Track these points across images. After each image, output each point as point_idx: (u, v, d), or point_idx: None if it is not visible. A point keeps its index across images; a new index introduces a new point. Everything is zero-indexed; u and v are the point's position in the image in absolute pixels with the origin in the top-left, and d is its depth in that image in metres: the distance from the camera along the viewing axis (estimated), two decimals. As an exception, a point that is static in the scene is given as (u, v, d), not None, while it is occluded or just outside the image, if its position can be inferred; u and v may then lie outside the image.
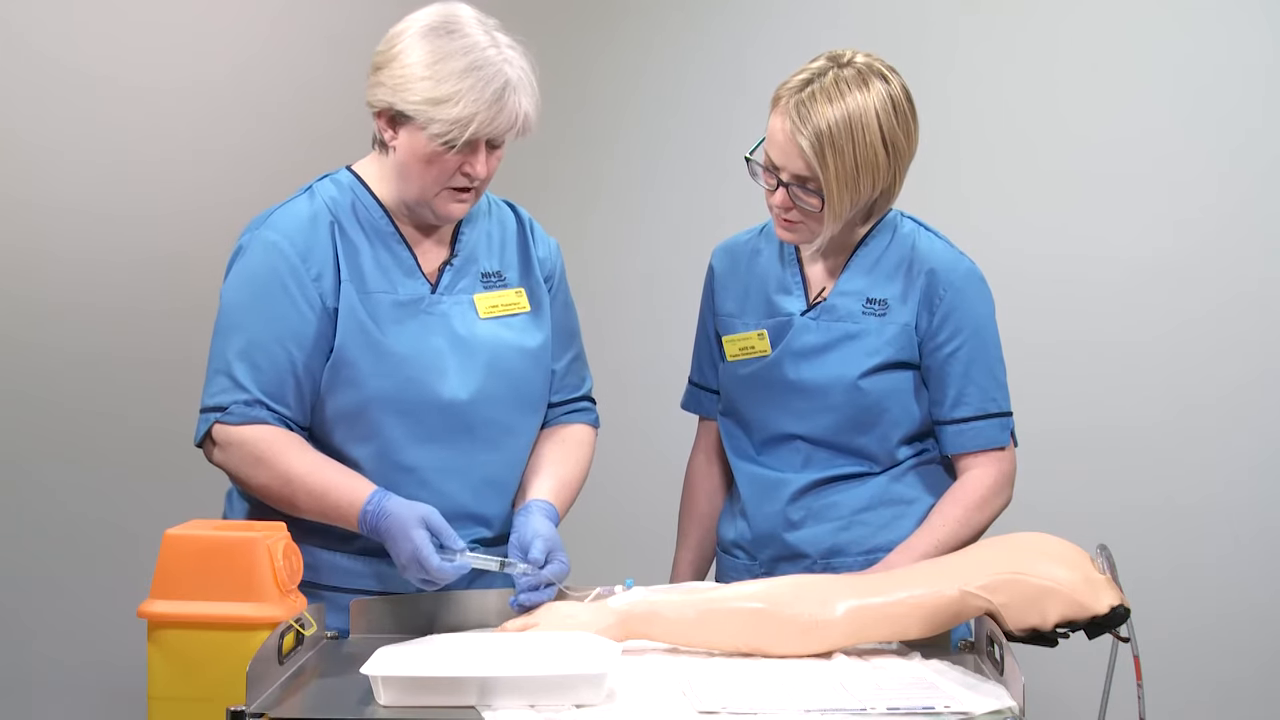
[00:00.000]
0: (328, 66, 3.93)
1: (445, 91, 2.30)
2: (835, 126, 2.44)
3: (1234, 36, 3.75)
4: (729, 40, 3.91)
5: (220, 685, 2.02)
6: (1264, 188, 3.75)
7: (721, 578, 2.68)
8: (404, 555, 2.23)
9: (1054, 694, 3.14)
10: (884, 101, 2.47)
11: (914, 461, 2.60)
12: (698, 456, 2.80)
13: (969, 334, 2.55)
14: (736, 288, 2.67)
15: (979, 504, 2.54)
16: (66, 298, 3.93)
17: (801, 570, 2.56)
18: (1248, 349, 3.76)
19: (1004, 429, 2.58)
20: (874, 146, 2.46)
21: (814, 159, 2.45)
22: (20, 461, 3.95)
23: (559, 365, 2.57)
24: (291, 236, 2.38)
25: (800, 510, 2.58)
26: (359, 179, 2.46)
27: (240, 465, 2.35)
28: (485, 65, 2.31)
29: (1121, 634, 2.16)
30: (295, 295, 2.36)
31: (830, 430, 2.57)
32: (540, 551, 2.31)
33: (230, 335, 2.37)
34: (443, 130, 2.30)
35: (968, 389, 2.55)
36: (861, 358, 2.55)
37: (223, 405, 2.35)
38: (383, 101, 2.35)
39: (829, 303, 2.58)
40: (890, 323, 2.55)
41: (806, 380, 2.57)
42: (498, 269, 2.51)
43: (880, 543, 2.56)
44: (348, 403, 2.37)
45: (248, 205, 3.91)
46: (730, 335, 2.65)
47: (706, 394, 2.77)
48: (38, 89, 3.90)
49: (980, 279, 2.58)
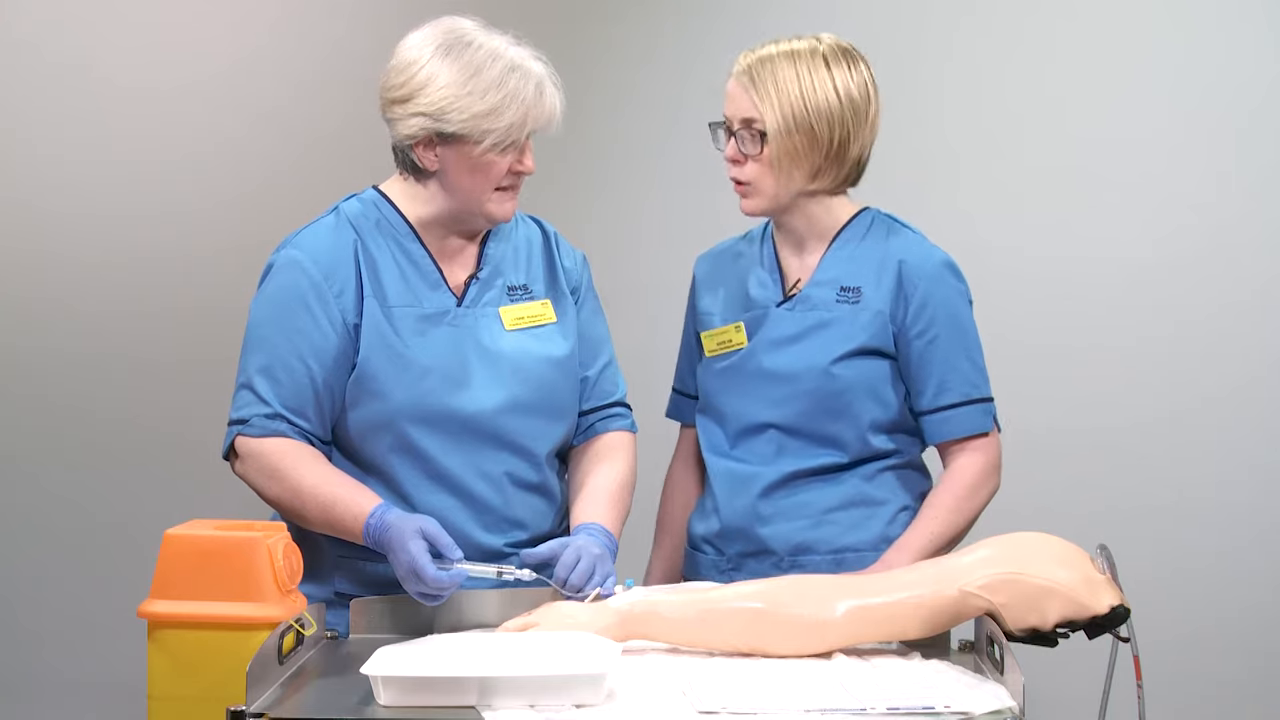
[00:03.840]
0: (327, 67, 3.93)
1: (493, 102, 2.34)
2: (775, 59, 2.52)
3: (1234, 36, 3.75)
4: (730, 40, 3.89)
5: (220, 685, 2.02)
6: (1264, 188, 3.75)
7: (690, 574, 2.69)
8: (402, 567, 2.25)
9: (1054, 694, 3.13)
10: (834, 52, 2.54)
11: (888, 463, 2.60)
12: (676, 463, 2.82)
13: (945, 322, 2.55)
14: (716, 288, 2.70)
15: (969, 492, 2.55)
16: (66, 298, 3.94)
17: (769, 567, 2.57)
18: (1248, 349, 3.76)
19: (987, 414, 2.58)
20: (823, 88, 2.50)
21: (752, 89, 2.50)
22: (20, 461, 3.95)
23: (591, 372, 2.60)
24: (315, 255, 2.42)
25: (770, 506, 2.59)
26: (385, 198, 2.49)
27: (257, 477, 2.39)
28: (516, 67, 2.37)
29: (1121, 634, 2.16)
30: (317, 312, 2.39)
31: (802, 417, 2.57)
32: (569, 571, 2.32)
33: (254, 351, 2.41)
34: (500, 139, 2.35)
35: (949, 376, 2.55)
36: (834, 344, 2.56)
37: (245, 418, 2.39)
38: (423, 130, 2.37)
39: (804, 293, 2.60)
40: (863, 310, 2.56)
41: (780, 368, 2.58)
42: (524, 282, 2.53)
43: (849, 543, 2.56)
44: (374, 415, 2.41)
45: (247, 205, 3.95)
46: (708, 330, 2.67)
47: (688, 401, 2.78)
48: (37, 89, 3.90)
49: (954, 268, 2.59)
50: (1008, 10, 3.83)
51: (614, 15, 3.97)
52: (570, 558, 2.34)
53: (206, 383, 3.71)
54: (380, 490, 2.40)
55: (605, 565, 2.36)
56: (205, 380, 3.77)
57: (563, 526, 2.57)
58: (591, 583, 2.32)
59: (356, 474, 2.42)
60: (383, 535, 2.28)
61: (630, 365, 2.74)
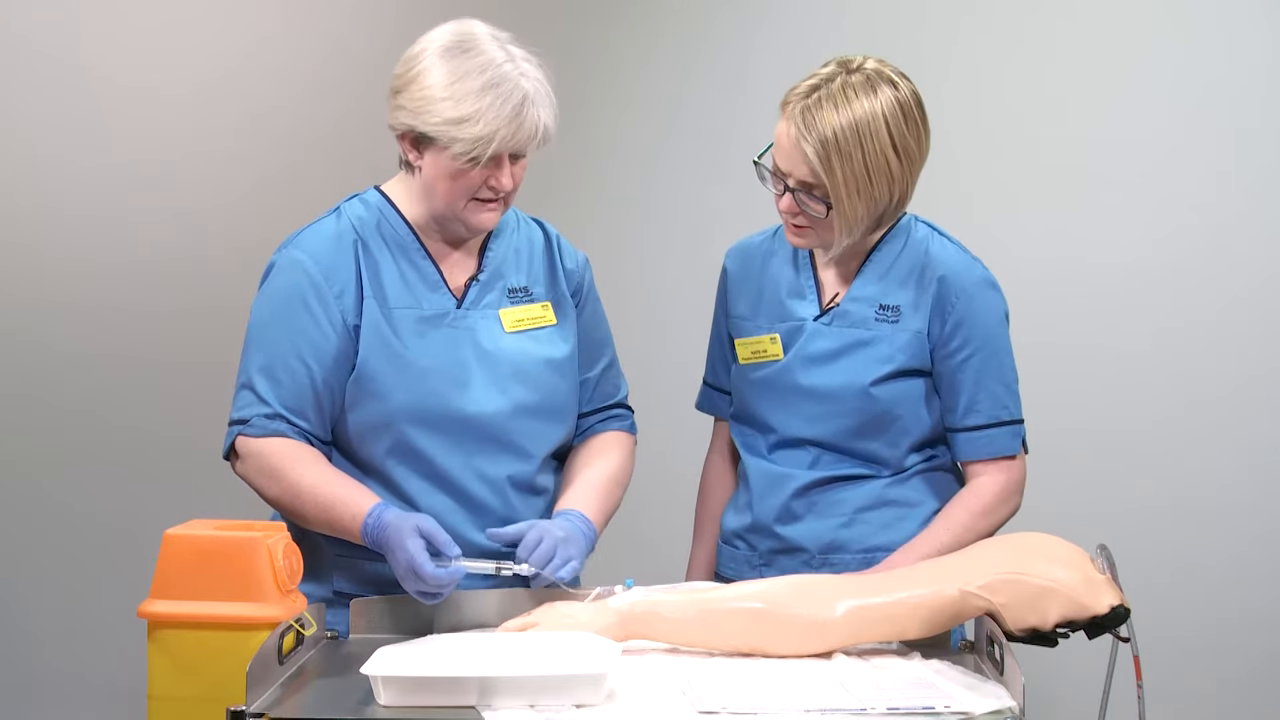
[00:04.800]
0: (327, 67, 3.93)
1: (465, 111, 2.32)
2: (841, 133, 2.43)
3: (1234, 36, 3.74)
4: (730, 40, 3.91)
5: (220, 685, 2.02)
6: (1265, 188, 3.75)
7: (721, 568, 2.69)
8: (400, 565, 2.25)
9: (1054, 694, 3.14)
10: (893, 107, 2.46)
11: (922, 466, 2.60)
12: (714, 457, 2.81)
13: (981, 341, 2.54)
14: (749, 290, 2.67)
15: (985, 511, 2.54)
16: (66, 298, 3.94)
17: (800, 564, 2.57)
18: (1248, 349, 3.76)
19: (1015, 437, 2.58)
20: (884, 153, 2.45)
21: (819, 166, 2.44)
22: (20, 461, 3.95)
23: (592, 374, 2.60)
24: (315, 255, 2.42)
25: (804, 504, 2.58)
26: (386, 198, 2.49)
27: (256, 477, 2.39)
28: (502, 82, 2.34)
29: (1121, 634, 2.16)
30: (317, 312, 2.40)
31: (841, 435, 2.57)
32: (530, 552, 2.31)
33: (254, 351, 2.42)
34: (466, 149, 2.33)
35: (979, 397, 2.55)
36: (874, 364, 2.54)
37: (245, 418, 2.39)
38: (405, 124, 2.37)
39: (841, 308, 2.58)
40: (903, 330, 2.55)
41: (818, 385, 2.57)
42: (525, 284, 2.53)
43: (881, 542, 2.56)
44: (373, 416, 2.41)
45: (247, 206, 3.95)
46: (743, 338, 2.65)
47: (721, 395, 2.77)
48: (37, 90, 3.90)
49: (993, 285, 2.58)
50: (1008, 10, 3.83)
51: (614, 16, 3.96)
52: (533, 538, 2.33)
53: (207, 382, 3.72)
54: (379, 491, 2.40)
55: (568, 549, 2.34)
56: (205, 380, 3.78)
57: None
58: (551, 565, 2.31)
59: (356, 475, 2.42)
60: (381, 534, 2.28)
61: (632, 366, 2.74)
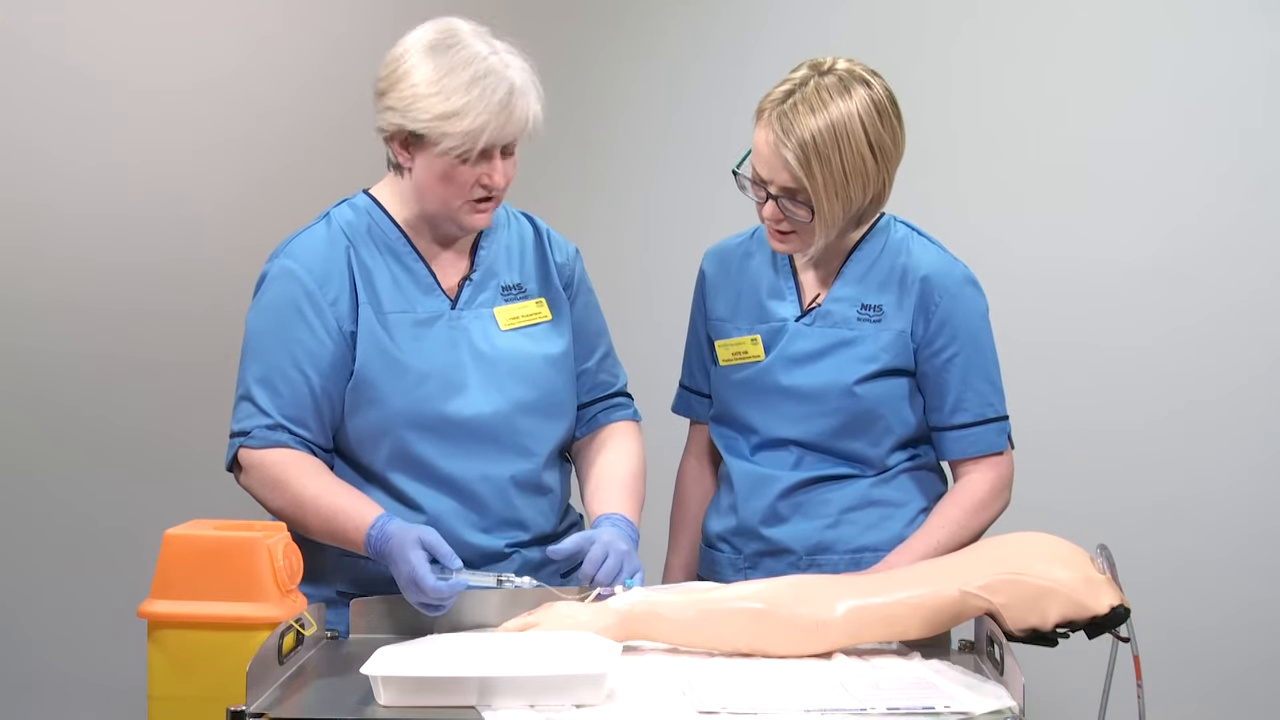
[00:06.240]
0: (327, 67, 3.93)
1: (454, 106, 2.32)
2: (820, 136, 2.43)
3: (1234, 36, 3.74)
4: (730, 40, 3.90)
5: (220, 685, 2.02)
6: (1264, 188, 3.75)
7: (705, 572, 2.69)
8: (402, 577, 2.25)
9: (1054, 694, 3.14)
10: (867, 106, 2.46)
11: (906, 465, 2.60)
12: (689, 460, 2.81)
13: (965, 340, 2.55)
14: (728, 292, 2.67)
15: (977, 508, 2.55)
16: (67, 299, 3.93)
17: (787, 566, 2.57)
18: (1248, 349, 3.76)
19: (1001, 433, 2.58)
20: (861, 153, 2.45)
21: (800, 171, 2.44)
22: (20, 462, 3.95)
23: (589, 364, 2.60)
24: (307, 263, 2.42)
25: (790, 505, 2.58)
26: (375, 202, 2.49)
27: (260, 488, 2.39)
28: (489, 74, 2.34)
29: (1121, 634, 2.16)
30: (312, 320, 2.39)
31: (824, 435, 2.57)
32: (597, 568, 2.33)
33: (251, 362, 2.42)
34: (456, 144, 2.33)
35: (965, 395, 2.56)
36: (857, 364, 2.55)
37: (246, 430, 2.39)
38: (393, 125, 2.37)
39: (824, 308, 2.58)
40: (886, 329, 2.55)
41: (801, 385, 2.57)
42: (518, 281, 2.53)
43: (867, 542, 2.56)
44: (373, 422, 2.41)
45: (247, 206, 3.95)
46: (723, 340, 2.65)
47: (697, 397, 2.77)
48: (38, 90, 3.90)
49: (974, 284, 2.58)
50: (1008, 11, 3.83)
51: (614, 15, 3.96)
52: (598, 554, 2.33)
53: (207, 383, 3.72)
54: (383, 497, 2.40)
55: (632, 561, 2.36)
56: (205, 380, 3.77)
57: (565, 524, 2.57)
58: (618, 579, 2.32)
59: (358, 481, 2.42)
60: (384, 546, 2.27)
61: (631, 364, 2.74)
